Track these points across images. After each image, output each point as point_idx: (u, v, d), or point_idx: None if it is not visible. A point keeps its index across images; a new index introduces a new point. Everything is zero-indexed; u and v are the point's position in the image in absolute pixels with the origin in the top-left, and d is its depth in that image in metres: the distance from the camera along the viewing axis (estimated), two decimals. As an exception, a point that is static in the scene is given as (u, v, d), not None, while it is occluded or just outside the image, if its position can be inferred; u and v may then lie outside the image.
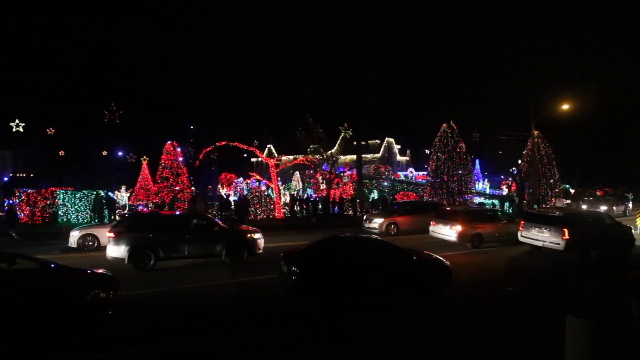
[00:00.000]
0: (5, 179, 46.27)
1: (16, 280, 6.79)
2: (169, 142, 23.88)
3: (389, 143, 70.19)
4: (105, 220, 19.90)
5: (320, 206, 25.42)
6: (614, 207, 26.07)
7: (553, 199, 29.84)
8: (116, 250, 11.04)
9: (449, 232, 15.30)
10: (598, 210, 21.59)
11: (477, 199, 28.83)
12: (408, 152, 62.48)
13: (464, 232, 14.84)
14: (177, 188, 23.00)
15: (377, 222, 18.22)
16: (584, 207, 26.38)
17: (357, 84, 29.14)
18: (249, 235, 12.34)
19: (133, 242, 10.96)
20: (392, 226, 18.18)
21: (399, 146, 70.87)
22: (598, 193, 36.78)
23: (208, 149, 23.52)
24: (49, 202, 20.15)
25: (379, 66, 28.26)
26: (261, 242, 12.50)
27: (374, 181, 37.71)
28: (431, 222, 16.63)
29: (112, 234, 11.18)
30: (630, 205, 29.04)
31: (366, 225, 18.72)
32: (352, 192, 30.98)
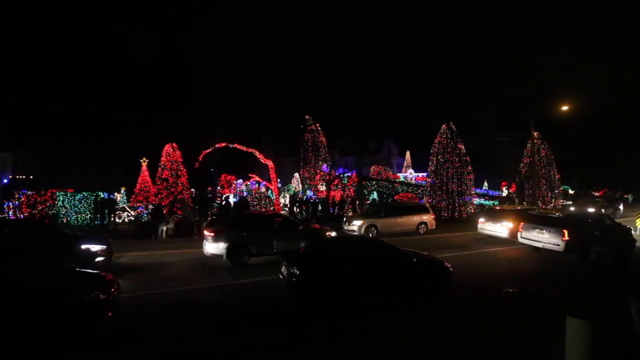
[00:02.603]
0: (5, 180, 46.27)
1: (16, 281, 6.79)
2: (168, 143, 23.88)
3: (388, 144, 70.33)
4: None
5: (319, 207, 25.44)
6: (602, 210, 25.71)
7: (554, 201, 29.87)
8: (215, 248, 11.91)
9: (499, 229, 16.71)
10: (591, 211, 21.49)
11: (477, 200, 28.87)
12: (408, 152, 62.50)
13: (515, 228, 15.72)
14: (178, 190, 22.98)
15: (356, 225, 17.81)
16: (572, 208, 26.20)
17: (357, 85, 29.17)
18: (327, 233, 13.25)
19: (230, 241, 11.84)
20: (372, 228, 17.81)
21: (398, 147, 71.01)
22: (597, 194, 36.84)
23: (208, 150, 23.50)
24: (48, 204, 20.15)
25: (379, 66, 28.29)
26: None
27: (374, 182, 37.77)
28: (479, 220, 18.09)
29: (210, 233, 11.97)
30: (622, 207, 28.69)
31: (345, 228, 18.31)
32: (352, 194, 31.02)
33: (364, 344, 6.29)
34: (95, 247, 10.83)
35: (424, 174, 37.91)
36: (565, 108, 26.03)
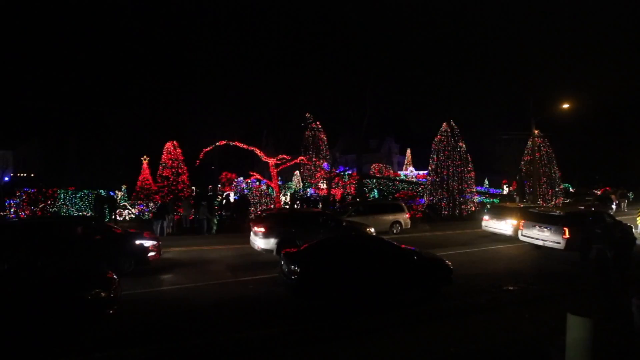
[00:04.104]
0: (6, 179, 46.33)
1: (17, 279, 6.81)
2: (169, 141, 23.90)
3: (388, 142, 70.29)
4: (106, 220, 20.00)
5: (320, 205, 25.42)
6: (592, 209, 25.47)
7: (554, 199, 29.84)
8: (265, 243, 12.48)
9: (504, 226, 16.86)
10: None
11: (477, 198, 28.84)
12: (408, 151, 62.46)
13: (518, 226, 15.67)
14: (179, 188, 23.01)
15: None
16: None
17: (357, 83, 29.15)
18: (368, 229, 14.34)
19: (280, 236, 12.40)
20: None
21: (399, 145, 70.97)
22: (598, 192, 36.81)
23: (208, 148, 23.51)
24: (50, 202, 20.17)
25: (379, 65, 28.27)
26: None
27: (374, 180, 37.78)
28: (484, 218, 18.25)
29: (262, 229, 12.59)
30: (614, 207, 28.66)
31: None
32: (353, 192, 31.02)
33: (364, 342, 6.30)
34: (147, 243, 11.18)
35: (425, 172, 37.90)
36: (566, 106, 25.98)
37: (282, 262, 8.71)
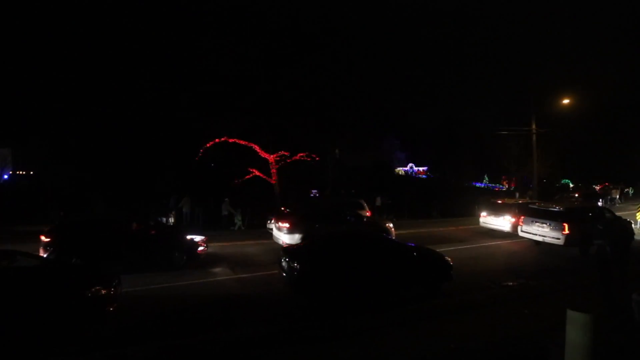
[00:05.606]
0: (5, 176, 46.29)
1: (16, 277, 6.79)
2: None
3: (389, 138, 70.25)
4: None
5: (320, 203, 25.34)
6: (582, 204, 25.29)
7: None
8: (290, 238, 12.52)
9: (502, 223, 16.94)
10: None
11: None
12: (408, 147, 62.40)
13: (516, 222, 15.70)
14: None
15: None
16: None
17: (357, 81, 29.05)
18: (388, 225, 14.83)
19: (304, 232, 12.42)
20: None
21: (399, 141, 70.95)
22: (597, 188, 36.92)
23: (208, 144, 23.48)
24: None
25: (381, 63, 28.18)
26: (393, 230, 14.43)
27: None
28: (481, 214, 18.50)
29: (286, 224, 12.77)
30: (600, 204, 28.84)
31: (268, 226, 16.64)
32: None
33: (364, 340, 6.29)
34: (197, 238, 11.53)
35: (425, 168, 37.91)
36: (566, 102, 25.96)
37: (282, 259, 8.70)
